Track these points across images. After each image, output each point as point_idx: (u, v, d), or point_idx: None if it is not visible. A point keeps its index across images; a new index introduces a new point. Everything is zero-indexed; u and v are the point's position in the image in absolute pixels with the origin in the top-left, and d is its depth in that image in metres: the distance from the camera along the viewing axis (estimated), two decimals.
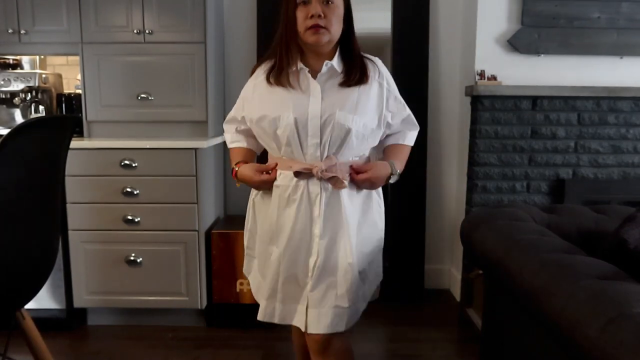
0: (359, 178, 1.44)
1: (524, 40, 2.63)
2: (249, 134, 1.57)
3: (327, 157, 1.40)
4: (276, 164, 1.46)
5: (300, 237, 1.43)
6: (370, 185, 1.47)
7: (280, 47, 1.42)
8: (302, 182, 1.41)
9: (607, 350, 0.83)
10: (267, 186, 1.47)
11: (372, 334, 2.57)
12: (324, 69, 1.41)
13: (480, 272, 2.36)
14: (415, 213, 2.94)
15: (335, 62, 1.42)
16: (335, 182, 1.40)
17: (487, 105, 2.61)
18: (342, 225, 1.43)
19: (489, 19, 2.65)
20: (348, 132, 1.38)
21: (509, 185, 2.67)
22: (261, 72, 1.47)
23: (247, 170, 1.48)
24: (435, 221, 3.07)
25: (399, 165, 1.53)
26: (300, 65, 1.42)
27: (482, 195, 2.67)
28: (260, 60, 1.54)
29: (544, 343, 1.20)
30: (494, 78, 2.63)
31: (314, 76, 1.41)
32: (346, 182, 1.41)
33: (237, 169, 1.52)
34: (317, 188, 1.41)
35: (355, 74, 1.42)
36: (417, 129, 1.60)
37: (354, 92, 1.41)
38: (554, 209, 1.66)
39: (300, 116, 1.37)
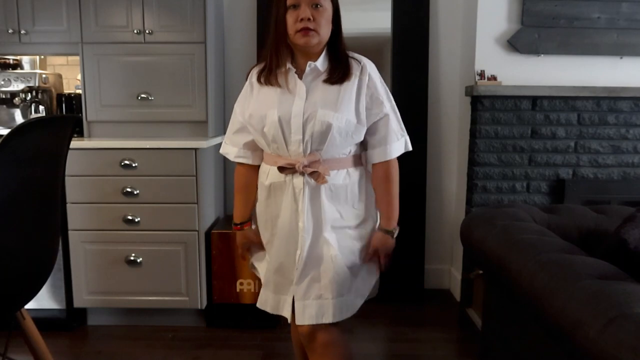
0: (383, 265, 1.57)
1: (524, 40, 2.63)
2: (254, 146, 1.59)
3: (310, 153, 1.45)
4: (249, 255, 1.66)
5: (289, 231, 1.50)
6: (388, 256, 1.58)
7: (271, 49, 1.48)
8: (288, 178, 1.48)
9: (607, 350, 0.83)
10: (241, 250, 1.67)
11: (372, 334, 2.57)
12: (308, 69, 1.45)
13: (480, 272, 2.36)
14: (415, 213, 2.94)
15: (320, 62, 1.46)
16: (317, 177, 1.44)
17: (487, 105, 2.61)
18: (321, 220, 1.48)
19: (489, 19, 2.65)
20: (329, 128, 1.41)
21: (509, 185, 2.67)
22: (254, 74, 1.54)
23: (251, 237, 1.64)
24: (435, 221, 3.07)
25: (389, 221, 1.56)
26: (288, 65, 1.47)
27: (482, 195, 2.67)
28: (254, 65, 1.59)
29: (544, 343, 1.20)
30: (494, 78, 2.63)
31: (301, 76, 1.46)
32: (329, 178, 1.46)
33: (242, 228, 1.64)
34: (300, 183, 1.46)
35: (338, 72, 1.46)
36: (402, 138, 1.54)
37: (337, 89, 1.45)
38: (554, 209, 1.66)
39: (284, 114, 1.43)
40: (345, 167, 1.50)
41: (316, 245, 1.48)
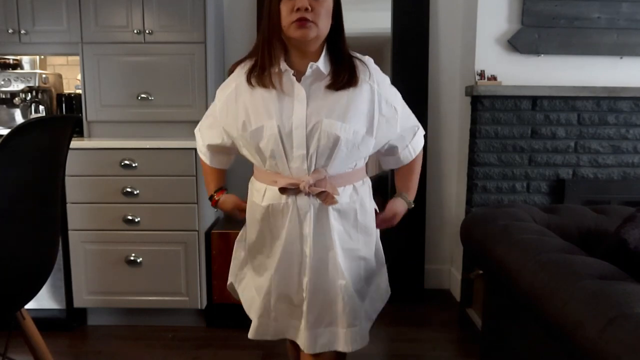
0: (378, 222, 1.48)
1: (524, 40, 2.63)
2: (217, 149, 1.48)
3: (315, 170, 1.28)
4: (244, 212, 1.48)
5: (292, 257, 1.35)
6: (391, 222, 1.51)
7: (262, 45, 1.28)
8: (290, 199, 1.31)
9: (607, 350, 0.83)
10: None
11: (372, 334, 2.56)
12: (309, 71, 1.27)
13: (480, 272, 2.36)
14: (415, 213, 2.93)
15: (322, 63, 1.28)
16: (325, 197, 1.28)
17: (487, 105, 2.61)
18: (330, 244, 1.34)
19: (489, 19, 2.65)
20: (337, 141, 1.25)
21: (509, 185, 2.67)
22: (242, 73, 1.34)
23: (229, 204, 1.53)
24: (435, 221, 3.07)
25: (411, 194, 1.52)
26: (284, 66, 1.28)
27: (482, 195, 2.67)
28: (240, 60, 1.39)
29: (544, 343, 1.20)
30: (494, 78, 2.63)
31: (299, 78, 1.28)
32: (337, 197, 1.30)
33: (217, 198, 1.54)
34: (306, 204, 1.30)
35: (343, 76, 1.28)
36: (419, 130, 1.48)
37: (343, 96, 1.28)
38: (554, 209, 1.66)
39: (284, 125, 1.25)
40: (351, 183, 1.35)
41: (325, 272, 1.35)
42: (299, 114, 1.25)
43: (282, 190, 1.29)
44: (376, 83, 1.34)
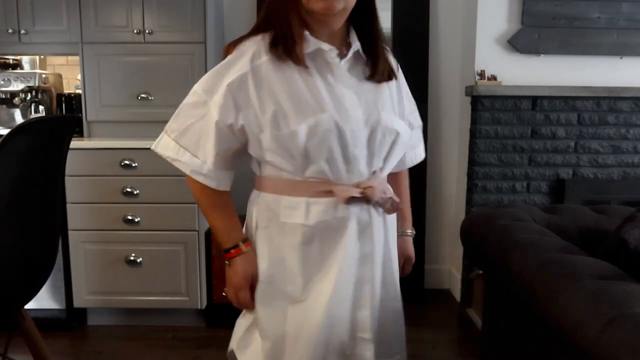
0: (406, 272, 1.35)
1: (524, 40, 2.63)
2: (227, 160, 1.06)
3: (374, 173, 1.07)
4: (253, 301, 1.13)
5: (347, 288, 1.06)
6: (407, 270, 1.36)
7: (278, 18, 1.01)
8: (350, 211, 1.04)
9: (607, 350, 0.83)
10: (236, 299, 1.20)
11: None
12: (350, 53, 1.04)
13: (480, 272, 2.37)
14: (415, 213, 2.92)
15: (358, 45, 1.07)
16: (391, 204, 1.08)
17: (487, 105, 2.61)
18: (389, 260, 1.15)
19: (489, 19, 2.65)
20: (397, 138, 1.06)
21: (509, 185, 2.67)
22: (261, 50, 1.02)
23: (251, 265, 1.10)
24: (435, 221, 3.07)
25: (409, 223, 1.37)
26: (318, 43, 1.01)
27: (482, 195, 2.67)
28: (240, 37, 1.11)
29: (544, 343, 1.20)
30: (494, 78, 2.63)
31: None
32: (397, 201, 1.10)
33: (244, 250, 1.09)
34: (367, 216, 1.06)
35: (383, 64, 1.07)
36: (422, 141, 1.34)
37: (384, 87, 1.08)
38: (554, 209, 1.66)
39: (340, 118, 0.98)
40: (390, 186, 1.15)
41: (385, 297, 1.12)
42: (354, 106, 1.01)
43: (349, 200, 1.02)
44: (401, 75, 1.18)
